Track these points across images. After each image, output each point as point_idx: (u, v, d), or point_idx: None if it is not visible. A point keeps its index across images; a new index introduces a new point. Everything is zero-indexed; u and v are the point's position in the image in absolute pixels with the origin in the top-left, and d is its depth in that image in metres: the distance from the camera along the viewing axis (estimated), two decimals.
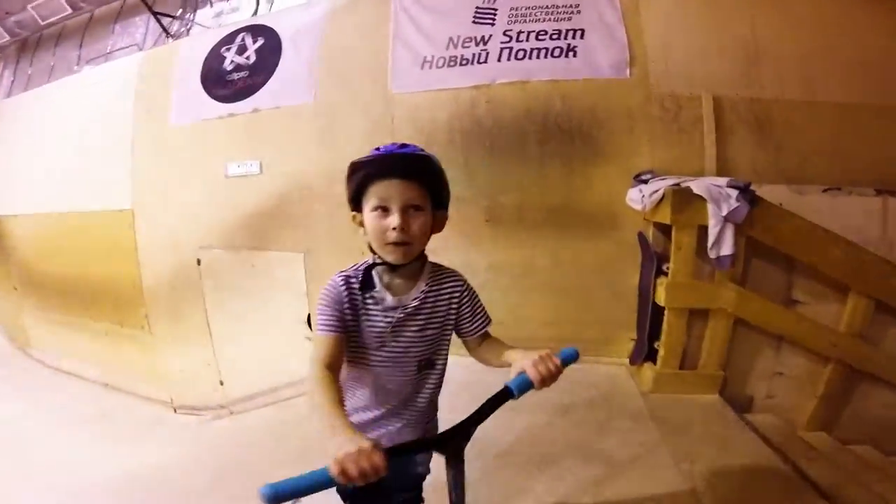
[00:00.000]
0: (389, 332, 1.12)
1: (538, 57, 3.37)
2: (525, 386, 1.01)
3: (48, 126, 6.17)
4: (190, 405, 4.57)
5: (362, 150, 3.64)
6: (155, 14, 5.65)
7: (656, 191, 2.77)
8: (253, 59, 4.50)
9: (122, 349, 5.15)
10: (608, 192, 3.27)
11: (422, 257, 1.17)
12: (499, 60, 3.44)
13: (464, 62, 3.52)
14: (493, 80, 3.46)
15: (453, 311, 1.20)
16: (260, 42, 4.50)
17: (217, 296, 4.42)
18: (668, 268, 2.76)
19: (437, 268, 1.22)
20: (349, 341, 1.11)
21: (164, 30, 5.67)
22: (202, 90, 4.74)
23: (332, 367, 1.02)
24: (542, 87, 3.39)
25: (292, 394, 3.54)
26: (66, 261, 5.66)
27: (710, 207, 2.53)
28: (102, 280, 5.18)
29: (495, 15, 3.48)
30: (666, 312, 2.75)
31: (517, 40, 3.41)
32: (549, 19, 3.37)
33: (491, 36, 3.46)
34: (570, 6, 3.37)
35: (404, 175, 1.07)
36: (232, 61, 4.61)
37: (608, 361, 3.17)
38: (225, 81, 4.61)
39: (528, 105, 3.41)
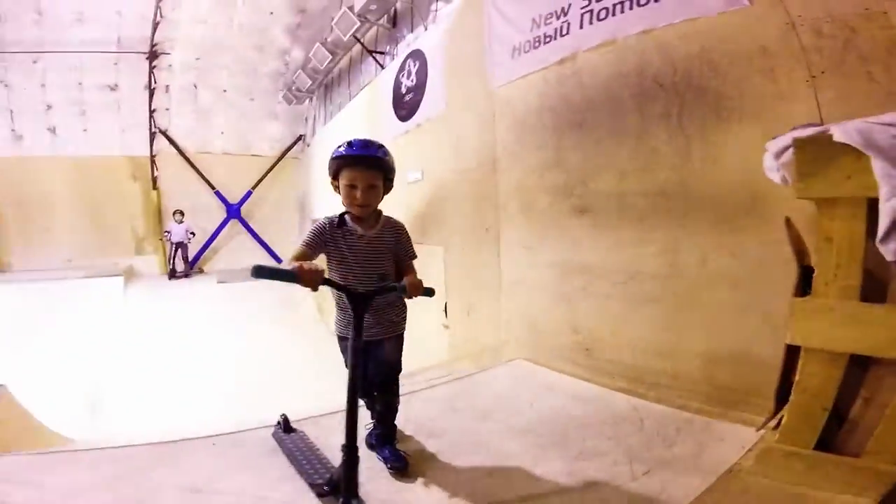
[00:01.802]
0: (360, 250, 1.84)
1: (622, 11, 2.77)
2: (402, 290, 1.72)
3: (333, 147, 8.58)
4: None
5: (477, 150, 4.28)
6: (370, 52, 7.02)
7: (787, 147, 1.73)
8: (414, 80, 5.19)
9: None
10: (746, 164, 2.27)
11: (377, 211, 1.91)
12: (581, 27, 3.00)
13: (547, 39, 3.22)
14: (577, 50, 3.03)
15: (394, 244, 1.91)
16: (417, 65, 5.14)
17: None
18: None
19: (388, 219, 1.94)
20: (333, 259, 1.84)
21: (379, 64, 6.99)
22: (392, 111, 5.76)
23: (302, 258, 1.72)
24: (632, 43, 2.75)
25: (437, 375, 3.73)
26: None
27: (877, 165, 1.42)
28: None
29: None
30: (801, 356, 1.70)
31: (597, 0, 2.91)
32: None
33: (570, 4, 3.04)
34: None
35: (367, 167, 1.78)
36: (405, 85, 5.43)
37: (739, 420, 2.13)
38: (402, 103, 5.49)
39: (618, 67, 2.84)
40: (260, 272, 1.43)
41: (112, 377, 6.17)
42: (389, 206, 1.99)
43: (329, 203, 8.55)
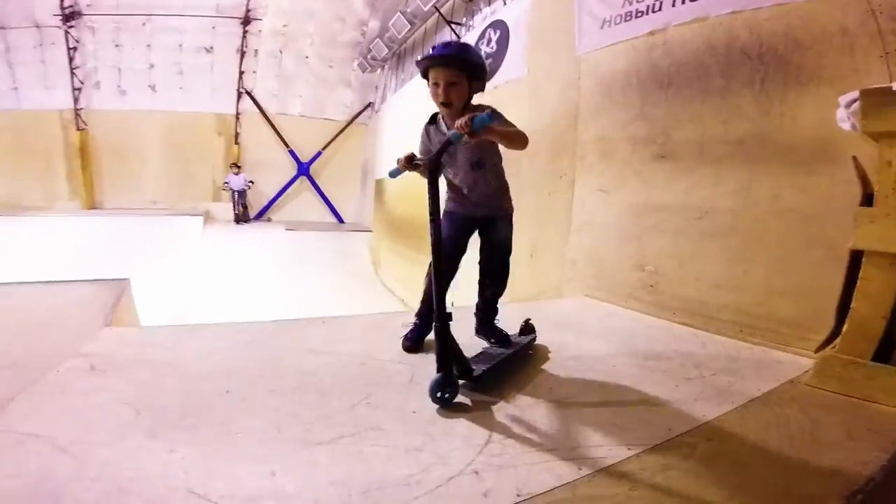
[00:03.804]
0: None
1: None
2: (455, 136, 1.71)
3: (403, 115, 9.04)
4: None
5: (557, 109, 4.49)
6: (449, 23, 7.36)
7: (855, 98, 2.02)
8: (494, 47, 5.51)
9: (415, 271, 7.34)
10: (821, 120, 2.48)
11: (466, 106, 1.94)
12: (673, 6, 3.26)
13: (639, 14, 3.48)
14: (668, 24, 3.27)
15: None
16: (498, 33, 5.47)
17: None
18: None
19: (476, 107, 1.95)
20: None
21: (456, 34, 7.31)
22: None
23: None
24: (722, 21, 2.99)
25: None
26: (402, 208, 8.36)
27: None
28: (415, 220, 7.44)
29: None
30: (865, 262, 1.86)
31: None
32: None
33: None
34: None
35: (445, 64, 1.90)
36: (484, 52, 5.73)
37: (797, 353, 2.22)
38: None
39: (707, 40, 3.06)
40: (392, 174, 1.97)
41: (190, 301, 6.93)
42: None
43: (394, 164, 9.10)
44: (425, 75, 1.97)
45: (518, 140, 1.87)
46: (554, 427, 1.49)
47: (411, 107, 8.53)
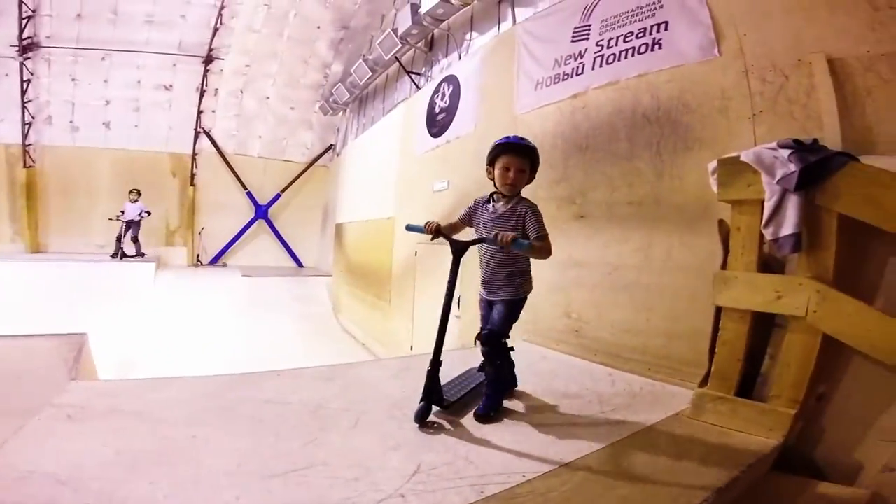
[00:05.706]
0: (490, 220, 2.32)
1: (626, 57, 3.50)
2: (490, 241, 2.15)
3: (364, 160, 9.39)
4: None
5: None
6: (408, 72, 7.88)
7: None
8: (448, 102, 5.98)
9: (374, 315, 7.56)
10: (701, 182, 2.90)
11: (518, 193, 2.33)
12: (592, 69, 3.75)
13: (565, 77, 3.98)
14: (588, 87, 3.78)
15: (521, 219, 2.26)
16: (452, 88, 5.95)
17: (421, 280, 6.11)
18: None
19: (522, 198, 2.32)
20: (475, 227, 2.40)
21: (415, 84, 7.82)
22: (425, 129, 6.54)
23: (448, 228, 2.41)
24: (630, 84, 3.49)
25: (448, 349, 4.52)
26: (361, 253, 8.60)
27: (763, 177, 2.11)
28: (375, 266, 7.71)
29: (589, 30, 3.79)
30: (722, 315, 2.30)
31: (608, 47, 3.63)
32: (635, 20, 3.45)
33: (586, 49, 3.80)
34: (653, 3, 3.36)
35: (519, 154, 2.27)
36: (439, 106, 6.22)
37: (692, 388, 2.50)
38: (435, 121, 6.27)
39: (617, 104, 3.58)
40: (408, 227, 2.36)
41: (139, 350, 6.83)
42: (416, 212, 2.56)
43: (354, 209, 9.38)
44: (493, 161, 2.31)
45: (541, 254, 2.23)
46: (470, 459, 1.81)
47: (374, 152, 8.93)
